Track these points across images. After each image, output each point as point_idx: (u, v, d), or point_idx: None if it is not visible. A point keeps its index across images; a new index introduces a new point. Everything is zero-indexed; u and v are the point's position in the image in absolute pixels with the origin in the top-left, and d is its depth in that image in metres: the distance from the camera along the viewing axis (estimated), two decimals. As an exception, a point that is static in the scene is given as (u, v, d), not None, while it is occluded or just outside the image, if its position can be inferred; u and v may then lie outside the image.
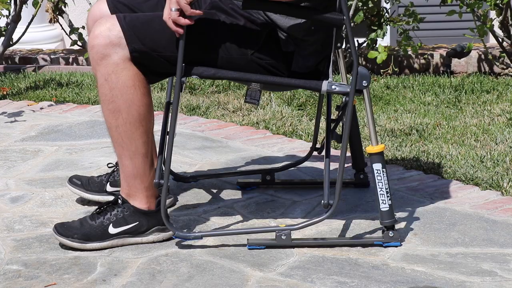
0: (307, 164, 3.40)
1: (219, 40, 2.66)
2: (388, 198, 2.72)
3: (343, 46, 2.86)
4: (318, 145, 3.30)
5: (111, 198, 2.93)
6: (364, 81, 2.67)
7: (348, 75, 3.20)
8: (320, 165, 3.49)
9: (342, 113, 2.89)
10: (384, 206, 2.72)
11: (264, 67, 2.69)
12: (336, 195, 2.67)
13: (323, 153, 3.22)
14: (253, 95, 2.71)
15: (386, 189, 2.71)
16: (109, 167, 3.17)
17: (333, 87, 2.69)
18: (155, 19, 2.65)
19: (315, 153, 3.31)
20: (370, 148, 2.73)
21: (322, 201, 2.70)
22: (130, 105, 2.65)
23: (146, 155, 2.71)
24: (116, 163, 3.11)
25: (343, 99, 2.73)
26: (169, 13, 2.53)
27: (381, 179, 2.71)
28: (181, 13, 2.53)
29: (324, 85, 2.68)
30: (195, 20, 2.55)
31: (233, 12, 2.69)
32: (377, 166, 2.71)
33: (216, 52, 2.66)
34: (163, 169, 2.69)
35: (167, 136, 2.74)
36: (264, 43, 2.68)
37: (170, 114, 2.69)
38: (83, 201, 3.13)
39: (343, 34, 2.84)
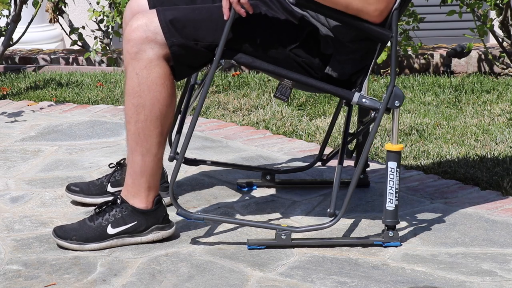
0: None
1: (260, 31, 2.67)
2: (396, 198, 2.71)
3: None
4: (324, 155, 3.29)
5: (111, 199, 2.93)
6: (396, 101, 2.68)
7: (368, 85, 3.19)
8: (320, 165, 3.48)
9: (364, 129, 2.89)
10: (390, 206, 2.71)
11: (300, 64, 2.69)
12: (343, 207, 2.66)
13: (327, 164, 3.23)
14: (283, 91, 2.71)
15: (396, 189, 2.70)
16: (110, 167, 3.17)
17: (363, 100, 2.69)
18: (195, 9, 2.67)
19: (319, 162, 3.30)
20: (390, 145, 2.71)
21: (328, 210, 2.69)
22: (155, 102, 2.65)
23: (157, 155, 2.72)
24: (117, 163, 3.11)
25: (373, 114, 2.71)
26: None
27: (393, 178, 2.70)
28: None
29: (356, 97, 2.68)
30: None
31: (275, 5, 2.70)
32: (392, 164, 2.70)
33: (254, 43, 2.66)
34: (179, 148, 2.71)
35: (190, 116, 2.75)
36: (304, 40, 2.68)
37: (193, 93, 2.66)
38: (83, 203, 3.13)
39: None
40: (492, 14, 5.87)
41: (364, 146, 2.72)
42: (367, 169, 3.26)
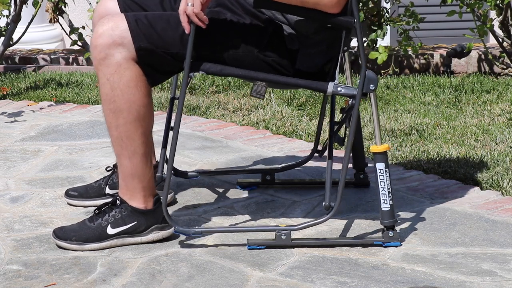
0: (307, 164, 3.40)
1: (226, 37, 2.66)
2: (390, 198, 2.72)
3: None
4: (319, 147, 3.30)
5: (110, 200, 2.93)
6: (371, 85, 2.68)
7: (352, 77, 3.20)
8: (320, 165, 3.49)
9: (346, 116, 2.89)
10: (385, 206, 2.72)
11: (270, 64, 2.69)
12: (338, 197, 2.67)
13: (324, 154, 3.22)
14: (258, 90, 2.71)
15: (388, 189, 2.71)
16: (107, 170, 3.17)
17: (339, 89, 2.69)
18: (163, 16, 2.66)
19: (316, 154, 3.31)
20: (374, 147, 2.72)
21: (324, 203, 2.70)
22: (131, 105, 2.65)
23: (145, 155, 2.71)
24: (114, 166, 3.11)
25: (350, 101, 2.72)
26: (185, 8, 2.54)
27: (383, 179, 2.71)
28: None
29: (330, 87, 2.68)
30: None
31: (238, 10, 2.70)
32: (380, 166, 2.71)
33: (222, 49, 2.66)
34: (165, 165, 2.70)
35: (171, 132, 2.74)
36: (270, 40, 2.68)
37: (174, 110, 2.69)
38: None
39: (349, 37, 2.84)
40: (492, 14, 5.87)
41: (348, 134, 2.73)
42: (366, 169, 3.26)
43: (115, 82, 2.63)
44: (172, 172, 3.18)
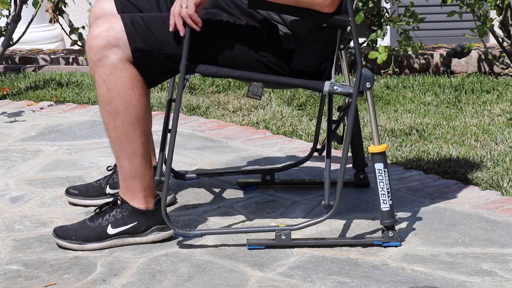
0: (307, 164, 3.40)
1: (222, 39, 2.66)
2: (389, 198, 2.72)
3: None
4: (318, 146, 3.30)
5: (111, 200, 2.93)
6: (367, 83, 2.67)
7: (350, 76, 3.20)
8: (320, 165, 3.49)
9: (344, 114, 2.89)
10: (385, 206, 2.72)
11: (267, 65, 2.69)
12: (337, 196, 2.67)
13: (324, 153, 3.22)
14: (255, 91, 2.71)
15: (387, 189, 2.71)
16: (108, 170, 3.17)
17: (335, 88, 2.69)
18: (159, 17, 2.66)
19: (315, 153, 3.31)
20: (372, 147, 2.73)
21: (323, 202, 2.71)
22: (128, 106, 2.64)
23: (144, 155, 2.71)
24: (115, 165, 3.11)
25: (347, 100, 2.72)
26: (179, 10, 2.54)
27: (382, 179, 2.71)
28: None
29: (326, 86, 2.69)
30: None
31: (234, 11, 2.70)
32: (379, 166, 2.71)
33: (218, 50, 2.66)
34: (164, 166, 2.69)
35: (169, 134, 2.74)
36: (266, 40, 2.68)
37: (172, 111, 2.68)
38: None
39: (346, 36, 2.84)
40: (492, 14, 5.87)
41: (345, 133, 2.73)
42: (366, 169, 3.26)
43: (111, 84, 2.62)
44: (171, 174, 3.18)
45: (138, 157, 2.70)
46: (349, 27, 2.63)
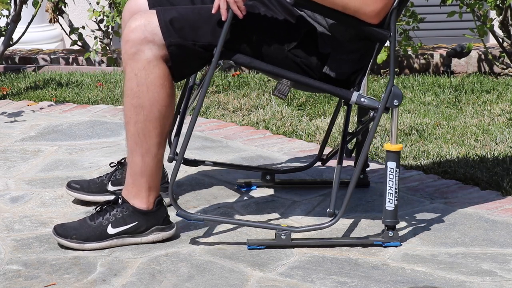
0: (307, 164, 3.40)
1: (258, 32, 2.67)
2: (395, 198, 2.71)
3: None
4: (324, 154, 3.29)
5: (112, 197, 2.93)
6: (395, 101, 2.68)
7: (368, 85, 3.20)
8: (320, 165, 3.48)
9: (363, 128, 2.89)
10: (390, 206, 2.71)
11: (298, 64, 2.69)
12: (343, 207, 2.67)
13: (328, 164, 3.22)
14: (282, 89, 2.70)
15: (395, 189, 2.70)
16: (111, 166, 3.17)
17: (362, 99, 2.69)
18: (194, 9, 2.68)
19: (319, 162, 3.30)
20: (389, 145, 2.71)
21: (328, 209, 2.70)
22: (154, 103, 2.66)
23: (157, 156, 2.72)
24: (118, 162, 3.12)
25: (371, 113, 2.71)
26: None
27: (392, 178, 2.70)
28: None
29: (354, 96, 2.69)
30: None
31: (274, 5, 2.70)
32: (391, 165, 2.70)
33: (253, 43, 2.66)
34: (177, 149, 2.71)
35: (188, 117, 2.75)
36: (302, 40, 2.68)
37: (192, 94, 2.71)
38: (83, 201, 3.12)
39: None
40: (492, 14, 5.87)
41: (363, 146, 2.72)
42: (367, 169, 3.26)
43: (142, 78, 2.64)
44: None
45: (151, 156, 2.71)
46: (387, 42, 2.64)
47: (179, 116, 2.98)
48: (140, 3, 2.91)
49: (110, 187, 3.09)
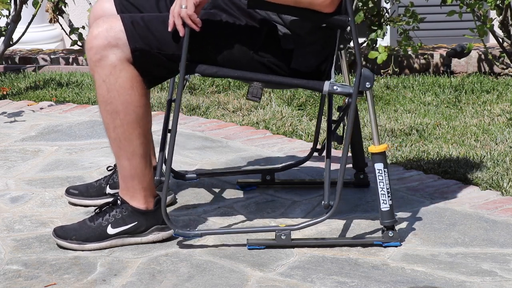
0: (307, 164, 3.40)
1: (221, 39, 2.66)
2: (389, 198, 2.72)
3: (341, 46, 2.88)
4: (318, 146, 3.30)
5: (111, 200, 2.93)
6: (367, 83, 2.67)
7: (350, 76, 3.20)
8: (320, 165, 3.49)
9: (343, 114, 2.89)
10: (385, 206, 2.72)
11: (266, 65, 2.69)
12: (337, 196, 2.67)
13: (324, 153, 3.22)
14: (254, 92, 2.71)
15: (387, 189, 2.71)
16: (108, 170, 3.17)
17: (335, 88, 2.69)
18: (159, 17, 2.66)
19: (315, 153, 3.31)
20: (372, 147, 2.73)
21: (323, 202, 2.71)
22: (127, 106, 2.65)
23: (143, 155, 2.71)
24: (115, 165, 3.12)
25: (346, 100, 2.72)
26: (179, 10, 2.54)
27: (382, 179, 2.71)
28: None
29: (326, 86, 2.68)
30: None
31: (233, 11, 2.70)
32: (378, 166, 2.71)
33: (218, 50, 2.66)
34: (164, 166, 2.70)
35: (169, 134, 2.74)
36: (265, 40, 2.68)
37: (171, 111, 2.68)
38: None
39: (346, 36, 2.84)
40: (492, 14, 5.87)
41: (345, 133, 2.72)
42: (366, 169, 3.26)
43: (111, 84, 2.63)
44: (171, 174, 3.18)
45: (137, 157, 2.70)
46: (348, 27, 2.63)
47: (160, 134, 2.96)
48: (105, 7, 2.90)
49: (109, 190, 3.09)
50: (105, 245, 2.72)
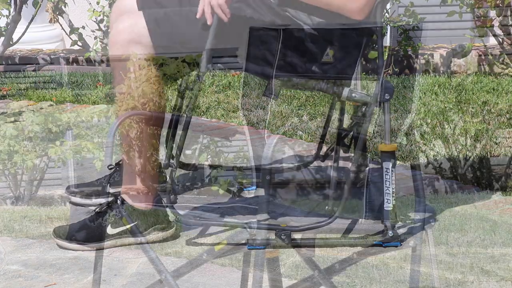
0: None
1: (245, 34, 2.66)
2: (393, 198, 2.71)
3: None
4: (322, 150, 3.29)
5: (111, 199, 2.93)
6: (386, 95, 2.67)
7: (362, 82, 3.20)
8: (320, 164, 3.48)
9: (356, 123, 2.89)
10: (388, 206, 2.71)
11: (288, 64, 2.69)
12: (341, 205, 2.66)
13: (327, 160, 3.22)
14: (272, 89, 2.70)
15: (392, 189, 2.70)
16: (109, 169, 3.17)
17: (353, 95, 2.68)
18: (182, 12, 2.66)
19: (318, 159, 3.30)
20: (383, 146, 2.71)
21: (326, 207, 2.70)
22: (144, 104, 2.65)
23: (152, 156, 2.71)
24: (116, 164, 3.11)
25: (363, 109, 2.71)
26: None
27: (389, 178, 2.70)
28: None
29: (345, 92, 2.68)
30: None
31: (259, 7, 2.69)
32: (387, 165, 2.70)
33: (240, 45, 2.65)
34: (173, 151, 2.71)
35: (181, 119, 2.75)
36: (289, 40, 2.67)
37: (185, 98, 2.72)
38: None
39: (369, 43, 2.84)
40: (492, 14, 5.87)
41: (358, 142, 2.72)
42: (366, 169, 3.25)
43: (132, 81, 2.63)
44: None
45: (145, 156, 2.71)
46: (375, 35, 2.63)
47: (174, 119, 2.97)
48: (128, 4, 2.90)
49: (110, 189, 3.08)
50: (105, 245, 2.72)
